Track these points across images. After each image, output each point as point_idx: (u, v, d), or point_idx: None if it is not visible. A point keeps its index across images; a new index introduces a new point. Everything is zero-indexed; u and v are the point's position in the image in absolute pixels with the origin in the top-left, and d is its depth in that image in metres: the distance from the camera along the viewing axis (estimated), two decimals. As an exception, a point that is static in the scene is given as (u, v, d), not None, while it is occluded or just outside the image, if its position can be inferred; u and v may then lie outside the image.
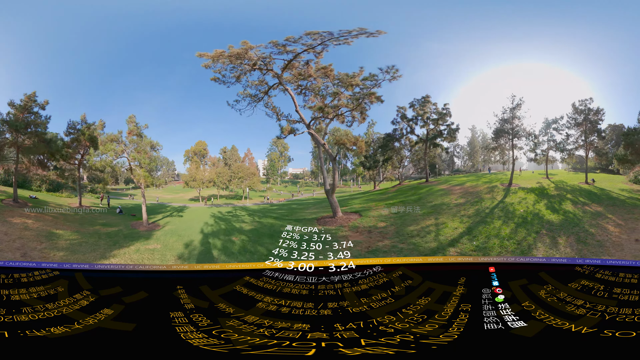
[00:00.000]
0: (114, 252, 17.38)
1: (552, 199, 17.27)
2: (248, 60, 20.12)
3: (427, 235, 16.33)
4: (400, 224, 17.85)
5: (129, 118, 22.51)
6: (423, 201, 20.71)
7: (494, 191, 19.52)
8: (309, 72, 20.89)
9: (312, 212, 24.60)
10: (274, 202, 31.23)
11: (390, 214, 19.29)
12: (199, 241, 19.58)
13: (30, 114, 21.25)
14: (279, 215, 24.48)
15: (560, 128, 19.16)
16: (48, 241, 17.67)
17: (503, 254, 15.74)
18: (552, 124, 19.38)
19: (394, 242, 16.24)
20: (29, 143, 21.41)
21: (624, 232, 13.48)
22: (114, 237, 19.51)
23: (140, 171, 22.60)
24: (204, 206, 29.44)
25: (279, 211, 26.31)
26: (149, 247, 18.45)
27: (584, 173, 18.36)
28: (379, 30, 18.93)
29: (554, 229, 14.74)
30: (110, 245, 18.27)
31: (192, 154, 30.92)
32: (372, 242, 16.62)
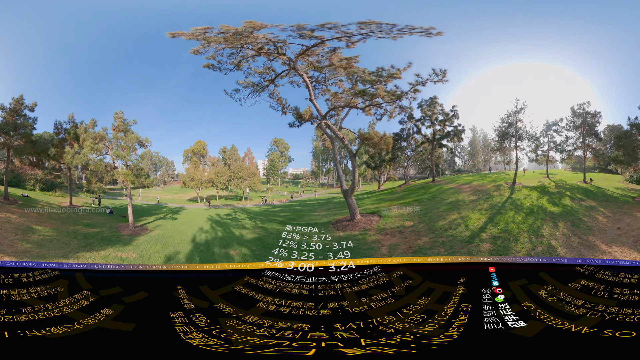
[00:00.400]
0: (80, 254, 16.94)
1: (553, 196, 19.22)
2: (252, 43, 18.37)
3: (458, 227, 17.71)
4: (428, 221, 18.57)
5: (115, 114, 21.49)
6: (437, 199, 21.51)
7: (501, 189, 21.08)
8: (332, 60, 19.32)
9: (321, 215, 23.31)
10: (275, 203, 30.18)
11: (411, 213, 19.61)
12: (186, 254, 18.11)
13: (19, 117, 21.49)
14: (284, 218, 22.98)
15: (560, 130, 20.25)
16: (23, 234, 17.83)
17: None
18: (552, 126, 20.45)
19: (431, 237, 17.08)
20: (19, 144, 21.72)
21: (610, 222, 16.28)
22: (90, 239, 19.03)
23: (122, 170, 21.49)
24: (202, 207, 28.51)
25: (283, 214, 25.02)
26: (121, 255, 17.61)
27: (583, 173, 19.90)
28: (434, 29, 17.40)
29: (555, 217, 17.50)
30: (81, 247, 17.86)
31: (191, 153, 30.37)
32: (410, 242, 16.97)
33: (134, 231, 21.18)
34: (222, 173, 30.77)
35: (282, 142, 33.38)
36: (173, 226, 22.36)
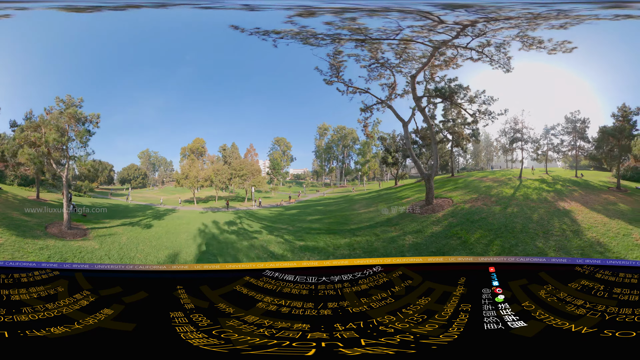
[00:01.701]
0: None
1: (549, 185, 23.71)
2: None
3: (501, 193, 22.70)
4: (495, 201, 21.58)
5: (56, 97, 18.83)
6: (472, 186, 24.94)
7: (512, 180, 25.28)
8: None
9: (370, 211, 21.87)
10: (283, 203, 26.81)
11: (466, 198, 22.25)
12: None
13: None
14: (329, 227, 18.92)
15: (556, 134, 24.47)
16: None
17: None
18: (550, 130, 24.60)
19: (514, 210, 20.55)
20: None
21: (580, 196, 21.48)
22: (14, 224, 17.65)
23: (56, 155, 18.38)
24: (197, 210, 25.25)
25: (316, 221, 20.41)
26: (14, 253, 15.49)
27: (575, 169, 24.94)
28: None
29: (548, 192, 22.42)
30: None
31: (189, 151, 28.59)
32: (490, 204, 20.91)
33: (63, 233, 18.50)
34: (221, 170, 28.82)
35: (284, 140, 32.35)
36: (132, 238, 18.23)
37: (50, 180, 22.39)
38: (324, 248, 17.21)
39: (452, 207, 21.00)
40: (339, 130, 32.08)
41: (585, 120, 23.67)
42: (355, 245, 17.40)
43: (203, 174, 28.25)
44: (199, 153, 28.90)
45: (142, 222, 21.31)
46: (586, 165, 25.21)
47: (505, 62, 19.26)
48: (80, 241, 18.34)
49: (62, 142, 18.77)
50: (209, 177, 28.23)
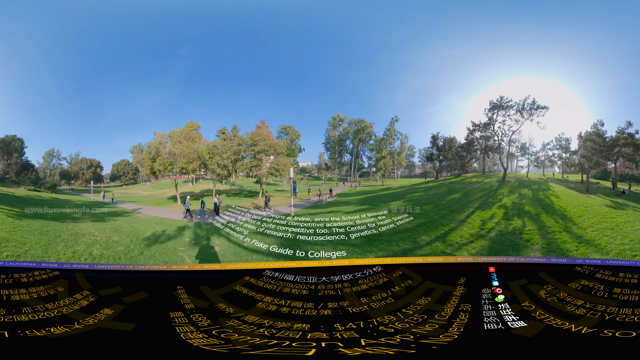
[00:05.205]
0: None
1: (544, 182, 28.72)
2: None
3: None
4: (517, 186, 27.52)
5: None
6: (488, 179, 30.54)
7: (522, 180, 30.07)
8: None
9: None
10: (311, 199, 22.00)
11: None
12: None
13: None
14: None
15: (550, 148, 29.92)
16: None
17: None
18: (546, 145, 29.90)
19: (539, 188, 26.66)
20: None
21: (561, 189, 26.43)
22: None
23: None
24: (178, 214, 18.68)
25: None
26: None
27: (564, 174, 30.74)
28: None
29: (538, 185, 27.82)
30: None
31: (182, 138, 22.17)
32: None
33: None
34: (224, 146, 21.21)
35: (293, 129, 29.24)
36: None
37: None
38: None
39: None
40: (356, 122, 30.18)
41: (569, 139, 28.97)
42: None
43: (189, 154, 20.68)
44: (192, 139, 22.45)
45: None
46: (577, 171, 30.32)
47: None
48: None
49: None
50: (200, 156, 20.91)
